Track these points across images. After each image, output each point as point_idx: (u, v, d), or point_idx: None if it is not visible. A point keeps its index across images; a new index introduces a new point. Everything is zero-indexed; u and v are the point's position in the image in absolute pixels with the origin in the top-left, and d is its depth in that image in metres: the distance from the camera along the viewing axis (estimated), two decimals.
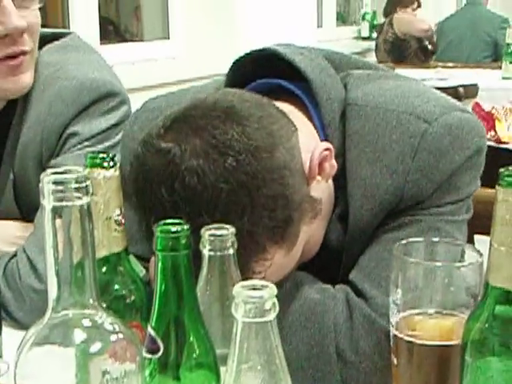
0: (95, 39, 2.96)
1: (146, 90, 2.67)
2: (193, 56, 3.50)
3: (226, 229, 0.70)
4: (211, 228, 0.70)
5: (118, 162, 0.81)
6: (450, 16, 5.80)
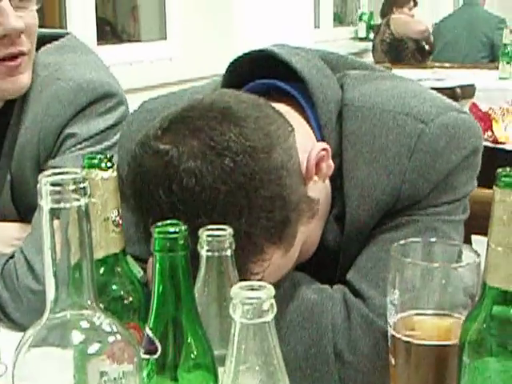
0: (92, 40, 2.95)
1: (143, 90, 2.67)
2: (190, 57, 3.50)
3: (224, 229, 0.70)
4: (209, 229, 0.70)
5: (116, 163, 0.81)
6: (447, 16, 5.80)
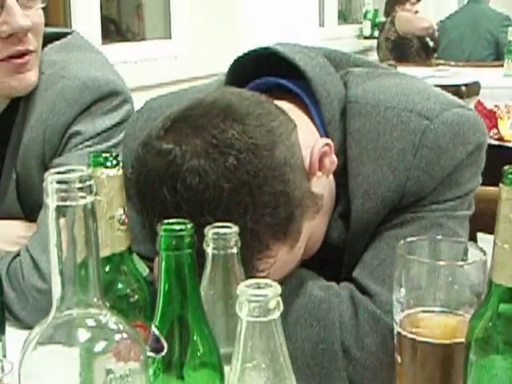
0: (97, 38, 2.96)
1: (148, 89, 2.67)
2: (194, 55, 3.50)
3: (230, 227, 0.70)
4: (215, 227, 0.70)
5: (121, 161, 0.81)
6: (452, 14, 5.78)
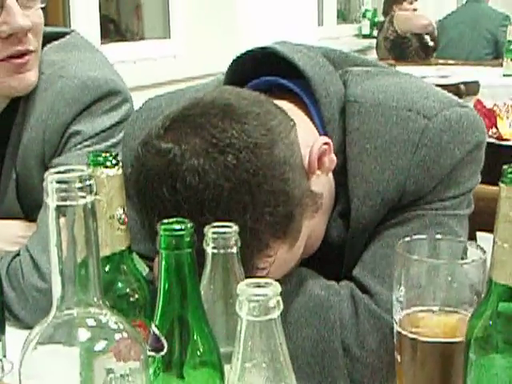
0: (96, 38, 2.96)
1: (147, 88, 2.67)
2: (193, 55, 3.50)
3: (230, 227, 0.70)
4: (215, 226, 0.70)
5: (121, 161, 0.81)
6: (451, 13, 5.79)
